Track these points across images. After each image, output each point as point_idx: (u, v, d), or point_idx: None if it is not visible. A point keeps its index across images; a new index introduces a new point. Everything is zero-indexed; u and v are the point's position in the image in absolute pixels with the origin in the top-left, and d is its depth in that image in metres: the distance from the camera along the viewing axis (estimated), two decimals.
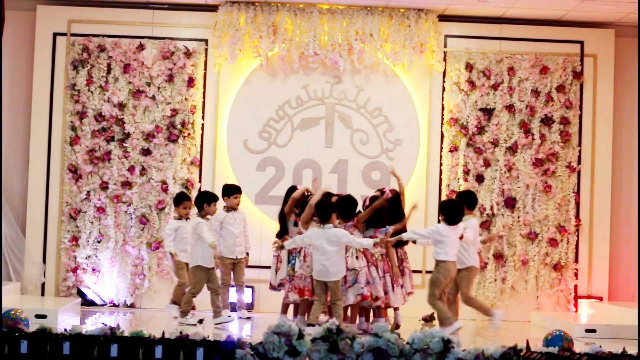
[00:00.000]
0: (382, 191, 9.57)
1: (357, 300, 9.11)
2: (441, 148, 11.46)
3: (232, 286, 10.13)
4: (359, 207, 9.41)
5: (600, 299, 11.36)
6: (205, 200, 9.54)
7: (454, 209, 9.06)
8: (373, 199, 9.40)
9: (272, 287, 9.75)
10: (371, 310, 9.42)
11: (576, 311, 11.30)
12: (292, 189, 9.77)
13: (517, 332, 9.97)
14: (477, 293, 11.29)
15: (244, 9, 11.27)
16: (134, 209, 11.20)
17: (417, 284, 10.36)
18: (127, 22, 11.39)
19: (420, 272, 11.10)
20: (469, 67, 11.48)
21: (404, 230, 9.31)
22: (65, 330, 6.63)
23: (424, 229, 9.60)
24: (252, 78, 11.40)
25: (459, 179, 11.42)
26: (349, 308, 9.29)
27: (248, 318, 10.10)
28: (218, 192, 9.99)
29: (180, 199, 10.11)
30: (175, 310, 9.81)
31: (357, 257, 9.16)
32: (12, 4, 10.90)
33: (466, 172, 11.42)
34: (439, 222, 9.80)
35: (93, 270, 11.14)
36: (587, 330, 9.54)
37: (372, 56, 11.35)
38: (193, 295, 9.49)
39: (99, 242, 11.18)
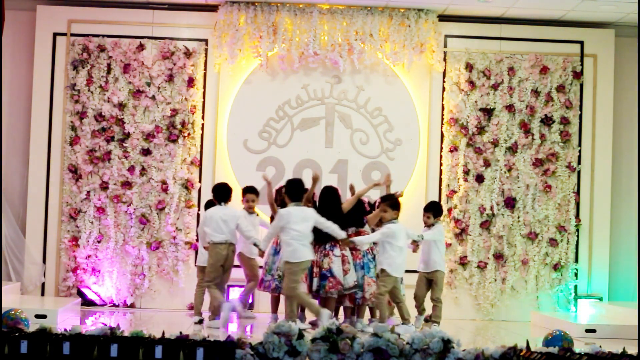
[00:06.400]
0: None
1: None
2: (441, 148, 11.46)
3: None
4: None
5: (600, 299, 11.36)
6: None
7: None
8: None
9: (341, 288, 9.09)
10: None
11: (576, 311, 11.30)
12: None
13: (517, 332, 9.97)
14: (477, 293, 11.29)
15: (244, 9, 11.26)
16: (134, 209, 11.19)
17: (412, 283, 10.17)
18: (127, 22, 11.38)
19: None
20: (469, 67, 11.47)
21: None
22: (65, 330, 6.63)
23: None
24: (252, 78, 11.39)
25: (459, 179, 11.41)
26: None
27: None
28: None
29: (244, 192, 10.15)
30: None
31: None
32: (12, 4, 10.90)
33: (466, 172, 11.41)
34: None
35: (93, 270, 11.14)
36: (587, 330, 9.53)
37: (372, 56, 11.35)
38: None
39: (99, 242, 11.17)
